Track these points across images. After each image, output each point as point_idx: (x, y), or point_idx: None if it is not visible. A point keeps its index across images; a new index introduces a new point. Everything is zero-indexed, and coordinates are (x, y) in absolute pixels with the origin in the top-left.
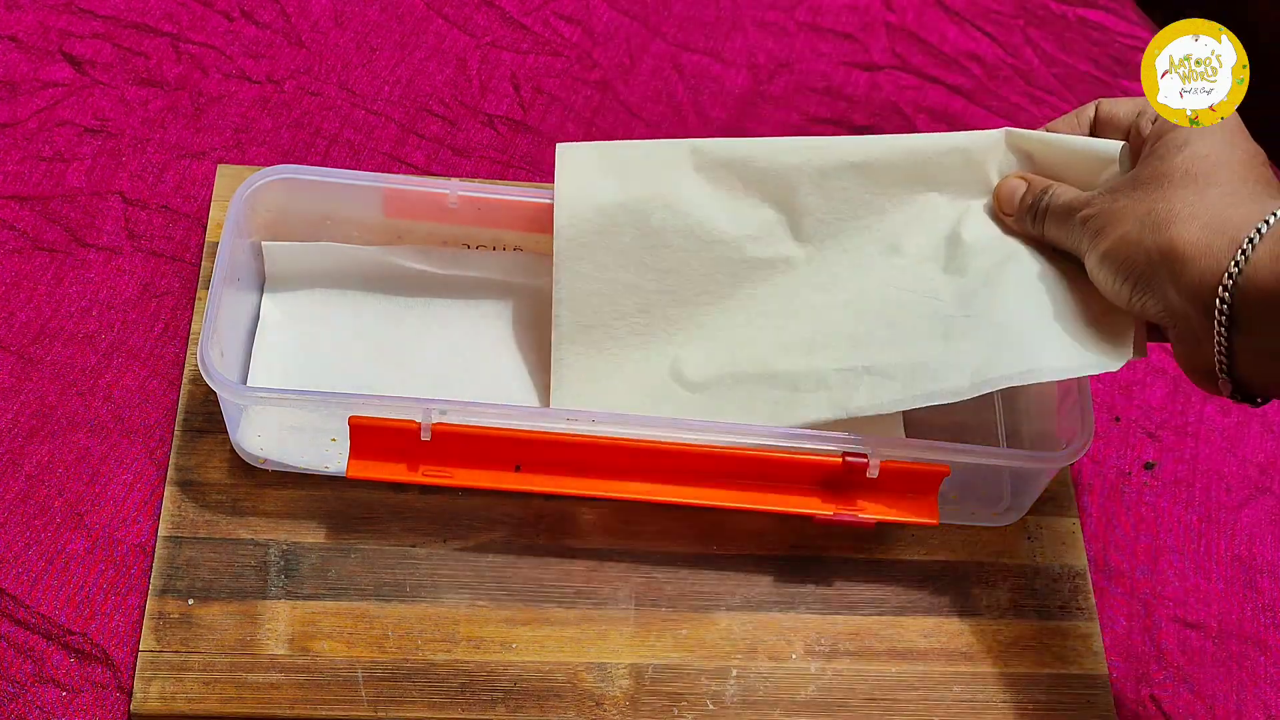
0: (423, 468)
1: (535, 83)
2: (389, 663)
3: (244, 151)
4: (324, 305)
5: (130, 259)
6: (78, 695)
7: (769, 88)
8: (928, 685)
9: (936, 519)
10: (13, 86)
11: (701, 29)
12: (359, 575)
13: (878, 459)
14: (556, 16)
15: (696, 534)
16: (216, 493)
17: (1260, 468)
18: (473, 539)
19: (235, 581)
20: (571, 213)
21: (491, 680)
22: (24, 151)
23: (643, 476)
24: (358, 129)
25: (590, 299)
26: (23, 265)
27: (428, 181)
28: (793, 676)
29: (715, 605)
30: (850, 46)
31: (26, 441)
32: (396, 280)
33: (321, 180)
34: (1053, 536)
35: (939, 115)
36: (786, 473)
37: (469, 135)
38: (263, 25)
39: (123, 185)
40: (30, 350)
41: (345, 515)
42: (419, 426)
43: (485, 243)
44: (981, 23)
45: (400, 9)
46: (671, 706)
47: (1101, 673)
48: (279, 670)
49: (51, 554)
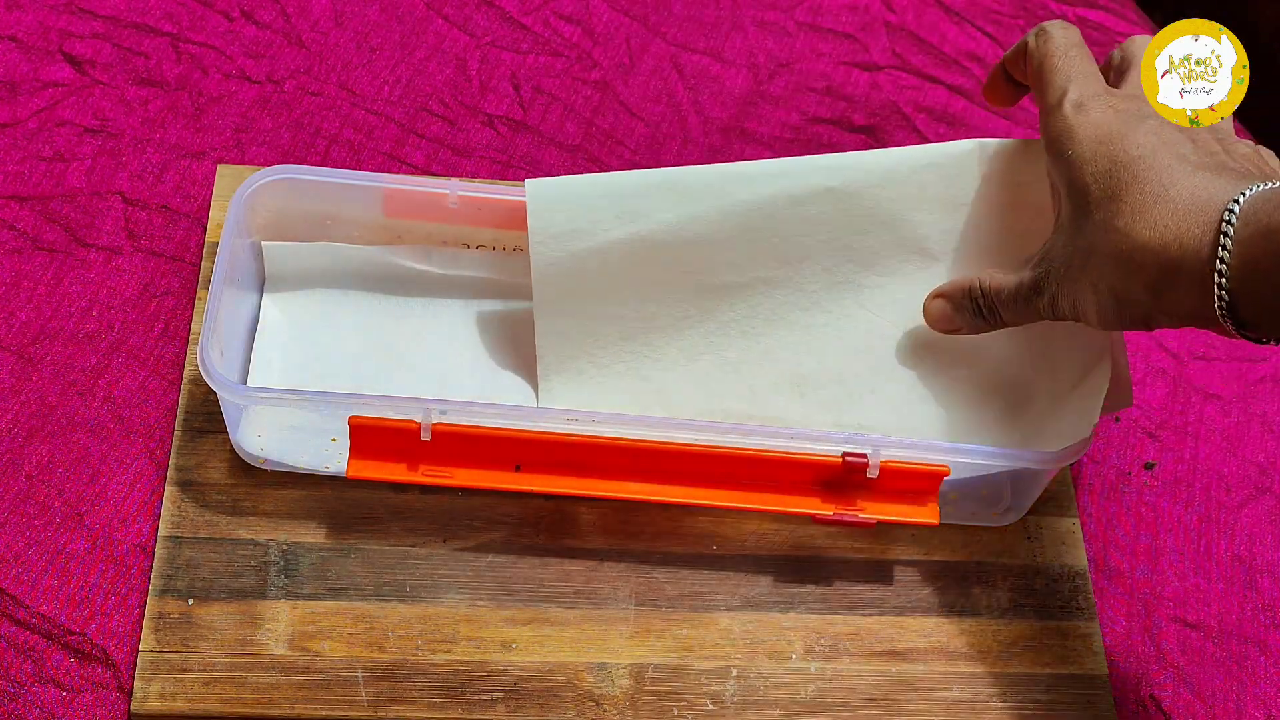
0: (423, 468)
1: (535, 83)
2: (389, 663)
3: (244, 151)
4: (324, 305)
5: (130, 259)
6: (78, 695)
7: (769, 88)
8: (928, 685)
9: (937, 519)
10: (13, 86)
11: (701, 29)
12: (359, 575)
13: (878, 459)
14: (556, 16)
15: (696, 534)
16: (216, 493)
17: (1260, 468)
18: (473, 539)
19: (235, 581)
20: (546, 255)
21: (491, 680)
22: (24, 151)
23: (642, 477)
24: (358, 129)
25: (571, 332)
26: (23, 265)
27: (428, 182)
28: (793, 676)
29: (715, 605)
30: (850, 46)
31: (26, 441)
32: (397, 280)
33: (321, 180)
34: (1053, 536)
35: (939, 115)
36: (786, 473)
37: (469, 135)
38: (263, 25)
39: (123, 185)
40: (30, 350)
41: (345, 515)
42: (419, 426)
43: (485, 243)
44: (981, 23)
45: (400, 9)
46: (671, 706)
47: (1101, 673)
48: (279, 670)
49: (51, 554)
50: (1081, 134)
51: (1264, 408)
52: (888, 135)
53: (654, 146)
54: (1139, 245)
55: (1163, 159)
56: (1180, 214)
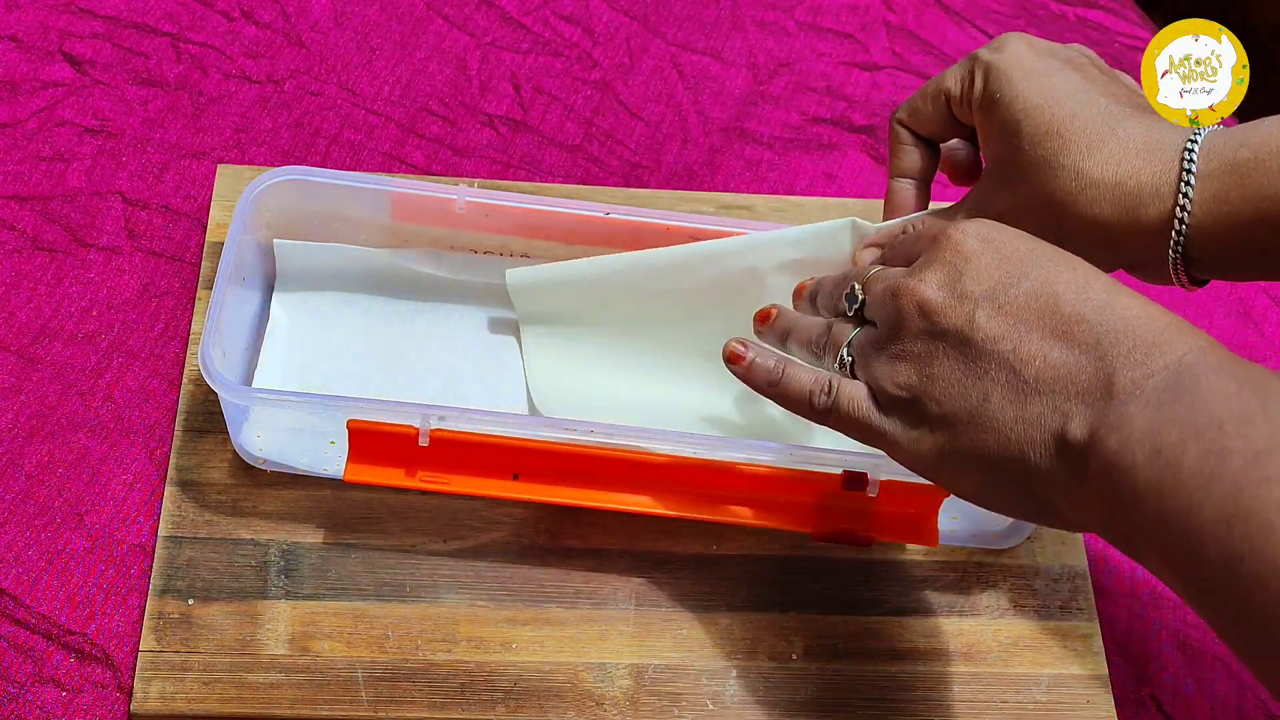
0: (420, 473)
1: (535, 83)
2: (389, 663)
3: (244, 151)
4: (332, 307)
5: (130, 259)
6: (78, 695)
7: (769, 88)
8: (928, 685)
9: (936, 541)
10: (13, 86)
11: (701, 29)
12: (359, 575)
13: (877, 478)
14: (556, 16)
15: (696, 534)
16: (216, 493)
17: None
18: (473, 539)
19: (235, 581)
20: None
21: (491, 680)
22: (24, 151)
23: (641, 489)
24: (358, 129)
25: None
26: (23, 265)
27: (436, 186)
28: (793, 676)
29: (715, 605)
30: (850, 46)
31: (26, 441)
32: (405, 284)
33: (329, 182)
34: (1053, 536)
35: None
36: (786, 489)
37: (469, 135)
38: (263, 25)
39: (123, 185)
40: (30, 350)
41: (345, 515)
42: (417, 432)
43: (492, 248)
44: (981, 23)
45: (400, 9)
46: (671, 706)
47: (1101, 673)
48: (279, 670)
49: (51, 554)
50: (1007, 69)
51: None
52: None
53: (654, 146)
54: (1091, 181)
55: (1097, 99)
56: (1133, 151)
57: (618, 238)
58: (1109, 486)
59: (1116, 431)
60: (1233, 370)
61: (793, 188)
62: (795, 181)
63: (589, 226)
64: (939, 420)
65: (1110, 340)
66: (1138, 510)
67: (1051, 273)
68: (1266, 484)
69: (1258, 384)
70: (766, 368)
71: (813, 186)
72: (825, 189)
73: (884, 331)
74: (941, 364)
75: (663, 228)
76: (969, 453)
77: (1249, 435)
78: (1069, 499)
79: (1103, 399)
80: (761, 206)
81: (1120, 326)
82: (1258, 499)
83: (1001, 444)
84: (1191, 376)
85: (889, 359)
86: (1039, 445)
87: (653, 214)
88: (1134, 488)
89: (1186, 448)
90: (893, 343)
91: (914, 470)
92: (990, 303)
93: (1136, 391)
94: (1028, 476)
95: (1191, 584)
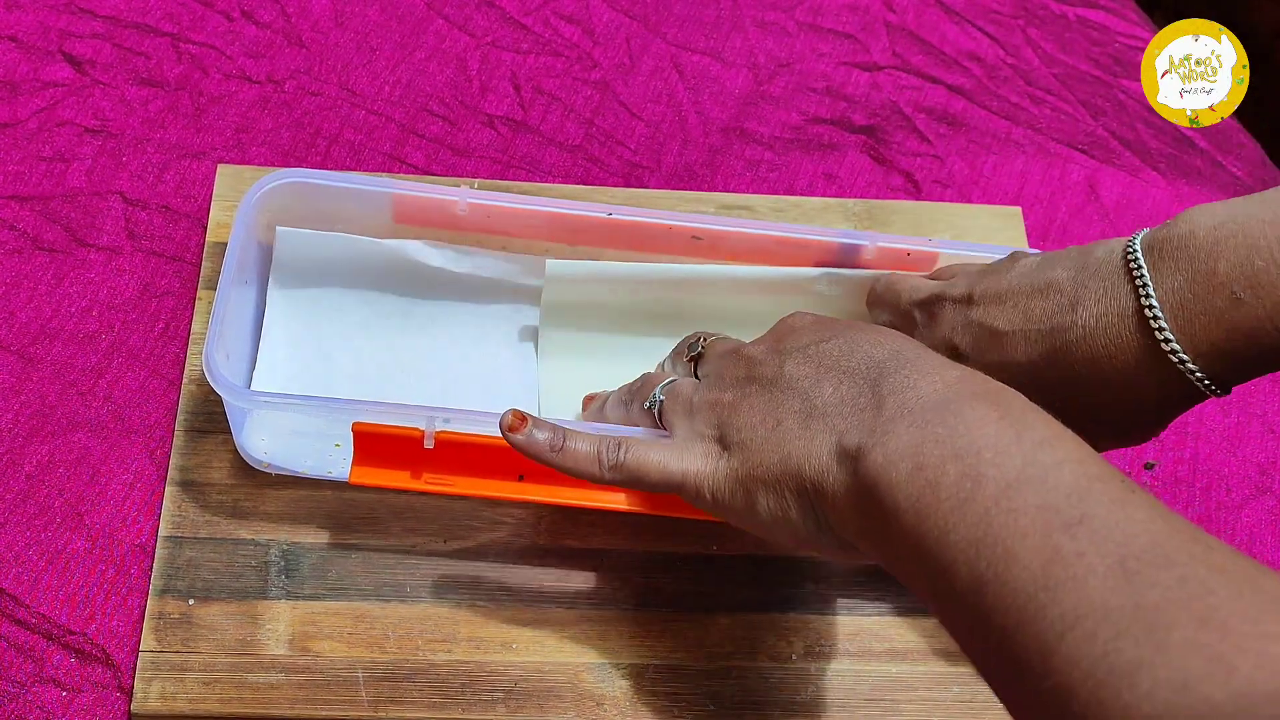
0: (425, 475)
1: (535, 83)
2: (389, 663)
3: (244, 151)
4: (331, 303)
5: (130, 259)
6: (78, 695)
7: (769, 88)
8: (928, 685)
9: None
10: (13, 86)
11: (701, 29)
12: (359, 575)
13: None
14: (556, 16)
15: (697, 534)
16: (217, 493)
17: (1260, 468)
18: (473, 539)
19: (236, 581)
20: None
21: (491, 680)
22: (24, 151)
23: None
24: (358, 129)
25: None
26: (23, 265)
27: (438, 189)
28: (793, 676)
29: (715, 605)
30: (850, 46)
31: (26, 441)
32: (406, 277)
33: (331, 184)
34: None
35: (939, 115)
36: None
37: (469, 135)
38: (263, 25)
39: (123, 185)
40: (30, 350)
41: (346, 515)
42: (423, 434)
43: (494, 249)
44: (981, 23)
45: (400, 9)
46: (671, 706)
47: None
48: (279, 670)
49: (51, 554)
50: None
51: (1264, 408)
52: (888, 135)
53: (654, 146)
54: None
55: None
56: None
57: (619, 238)
58: (873, 502)
59: (883, 445)
60: (997, 399)
61: (793, 188)
62: (795, 181)
63: (591, 226)
64: (738, 445)
65: (891, 371)
66: (898, 523)
67: (859, 334)
68: (1013, 514)
69: (1018, 416)
70: (547, 435)
71: (813, 186)
72: (825, 189)
73: (708, 382)
74: (749, 400)
75: (664, 227)
76: (759, 473)
77: (1002, 465)
78: (838, 514)
79: (874, 415)
80: (761, 206)
81: (903, 362)
82: (1005, 528)
83: (784, 459)
84: (958, 401)
85: (707, 404)
86: (815, 458)
87: (655, 214)
88: (895, 503)
89: (946, 468)
90: (713, 389)
91: (707, 505)
92: (800, 353)
93: (904, 410)
94: (807, 492)
95: (942, 603)
